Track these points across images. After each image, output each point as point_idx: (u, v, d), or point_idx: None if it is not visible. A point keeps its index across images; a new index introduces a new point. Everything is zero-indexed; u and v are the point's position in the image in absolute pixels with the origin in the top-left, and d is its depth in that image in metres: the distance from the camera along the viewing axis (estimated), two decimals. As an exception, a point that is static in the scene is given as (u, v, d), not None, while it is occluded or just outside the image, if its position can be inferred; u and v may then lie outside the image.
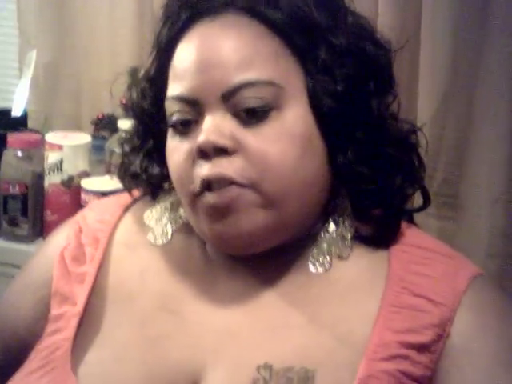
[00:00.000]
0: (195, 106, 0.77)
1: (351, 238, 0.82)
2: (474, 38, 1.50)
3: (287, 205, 0.77)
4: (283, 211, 0.77)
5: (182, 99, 0.77)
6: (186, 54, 0.78)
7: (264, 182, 0.76)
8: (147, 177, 0.88)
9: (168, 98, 0.79)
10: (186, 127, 0.78)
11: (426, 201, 0.87)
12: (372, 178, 0.80)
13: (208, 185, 0.76)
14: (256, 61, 0.76)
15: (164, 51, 0.81)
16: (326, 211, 0.82)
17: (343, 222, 0.82)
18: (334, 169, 0.80)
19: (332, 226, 0.82)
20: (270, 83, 0.76)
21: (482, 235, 1.55)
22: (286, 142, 0.76)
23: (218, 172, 0.75)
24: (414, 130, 0.85)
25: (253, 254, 0.80)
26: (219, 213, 0.76)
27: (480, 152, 1.52)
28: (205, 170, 0.76)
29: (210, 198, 0.76)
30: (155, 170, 0.87)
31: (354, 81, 0.79)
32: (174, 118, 0.79)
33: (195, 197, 0.78)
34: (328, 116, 0.78)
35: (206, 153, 0.75)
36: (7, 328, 0.91)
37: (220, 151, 0.75)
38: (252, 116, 0.76)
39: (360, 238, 0.82)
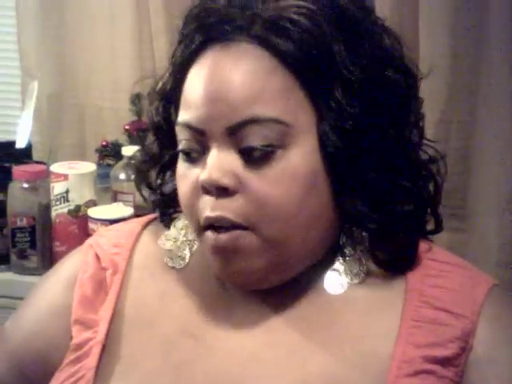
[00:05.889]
0: (202, 136, 0.77)
1: (367, 260, 0.81)
2: (472, 42, 1.51)
3: (288, 246, 0.77)
4: (284, 252, 0.77)
5: (189, 127, 0.77)
6: (196, 83, 0.77)
7: (263, 225, 0.75)
8: (160, 194, 0.87)
9: (178, 122, 0.79)
10: (194, 155, 0.78)
11: (438, 227, 0.85)
12: (380, 221, 0.78)
13: (210, 224, 0.76)
14: (264, 97, 0.75)
15: (178, 71, 0.80)
16: (341, 236, 0.81)
17: (359, 247, 0.81)
18: (341, 208, 0.78)
19: (348, 250, 0.81)
20: (276, 121, 0.75)
21: (491, 245, 1.55)
22: (289, 183, 0.75)
23: (217, 214, 0.75)
24: (434, 159, 0.83)
25: None
26: (220, 252, 0.77)
27: (485, 162, 1.52)
28: (207, 207, 0.76)
29: (211, 237, 0.76)
30: (168, 187, 0.86)
31: (367, 118, 0.76)
32: (182, 145, 0.79)
33: (201, 230, 0.78)
34: (334, 155, 0.76)
35: (208, 190, 0.76)
36: (33, 357, 0.87)
37: (222, 189, 0.75)
38: (256, 155, 0.75)
39: (377, 262, 0.81)
